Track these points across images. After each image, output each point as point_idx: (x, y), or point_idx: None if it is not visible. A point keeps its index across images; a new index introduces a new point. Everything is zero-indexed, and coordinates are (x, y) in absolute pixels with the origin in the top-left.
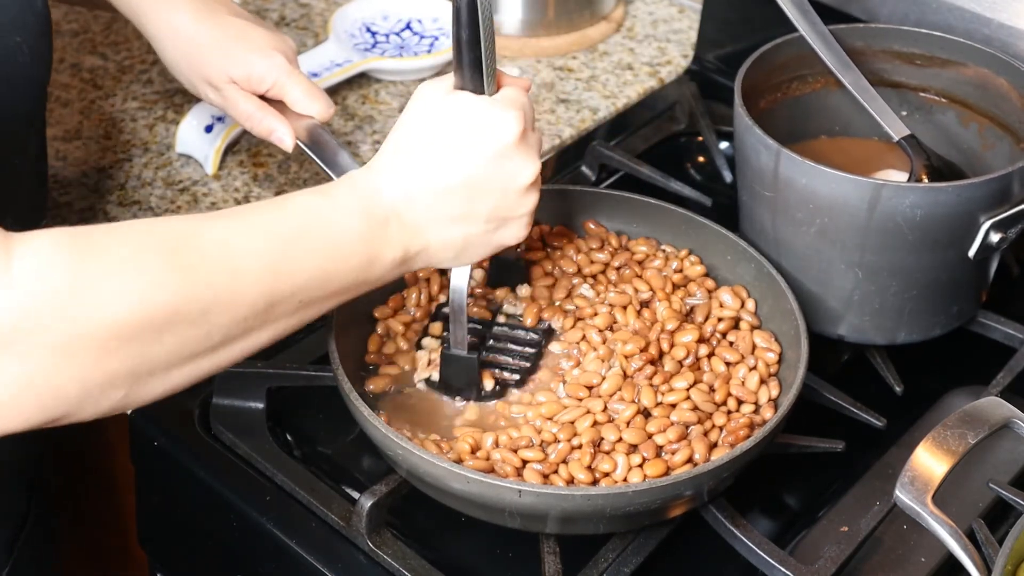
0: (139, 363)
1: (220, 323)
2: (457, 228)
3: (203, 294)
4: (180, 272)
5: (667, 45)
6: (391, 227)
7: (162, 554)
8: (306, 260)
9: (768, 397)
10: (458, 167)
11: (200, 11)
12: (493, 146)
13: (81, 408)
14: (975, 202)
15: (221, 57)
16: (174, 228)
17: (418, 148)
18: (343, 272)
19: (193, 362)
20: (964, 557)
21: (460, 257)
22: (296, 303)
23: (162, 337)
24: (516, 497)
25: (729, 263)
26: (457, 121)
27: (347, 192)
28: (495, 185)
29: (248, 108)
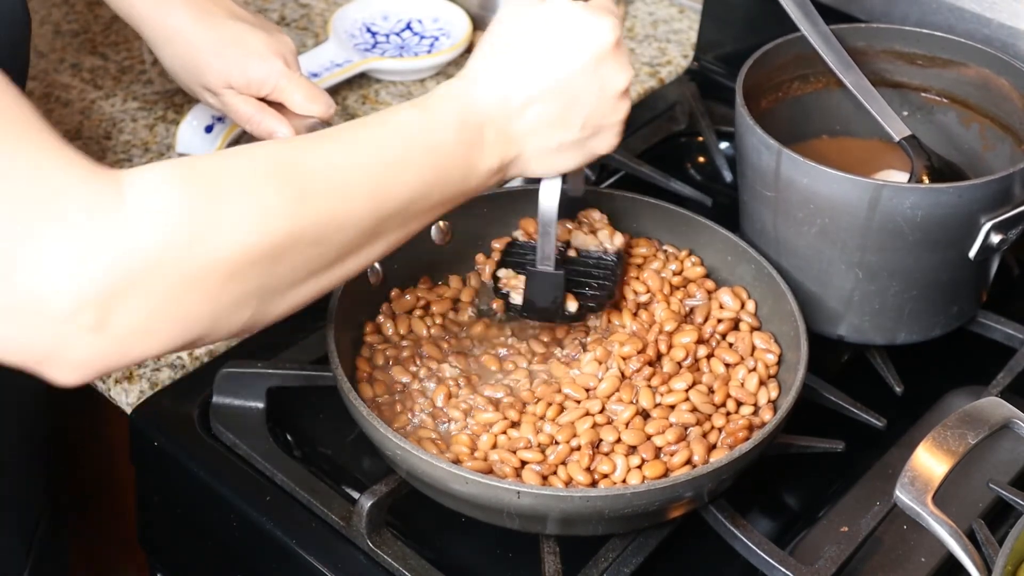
0: (263, 284)
1: (334, 241)
2: (552, 134)
3: (316, 216)
4: (293, 195)
5: (667, 45)
6: (487, 134)
7: (162, 554)
8: (409, 175)
9: (767, 398)
10: (554, 70)
11: (198, 15)
12: (590, 50)
13: (215, 328)
14: (976, 203)
15: (219, 63)
16: (281, 151)
17: (513, 52)
18: (444, 183)
19: (314, 279)
20: (964, 557)
21: (554, 165)
22: (403, 217)
23: (282, 259)
24: (515, 498)
25: (729, 264)
26: (553, 25)
27: (442, 103)
28: (591, 90)
29: (247, 111)
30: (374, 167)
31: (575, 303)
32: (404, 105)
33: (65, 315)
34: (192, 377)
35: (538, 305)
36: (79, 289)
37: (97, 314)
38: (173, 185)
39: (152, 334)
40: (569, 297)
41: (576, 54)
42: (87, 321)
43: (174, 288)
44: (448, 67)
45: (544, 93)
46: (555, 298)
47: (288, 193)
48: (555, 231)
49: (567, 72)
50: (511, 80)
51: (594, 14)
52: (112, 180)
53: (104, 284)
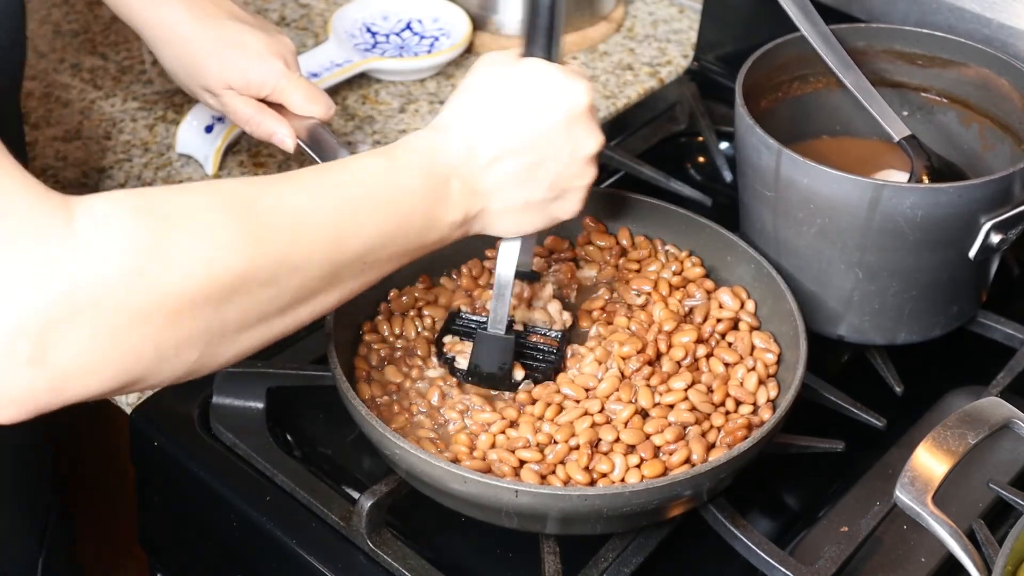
0: (212, 326)
1: (288, 285)
2: (518, 192)
3: (271, 256)
4: (248, 233)
5: (667, 45)
6: (452, 186)
7: (162, 554)
8: (369, 222)
9: (767, 398)
10: (526, 128)
11: (197, 16)
12: (563, 111)
13: (157, 371)
14: (976, 203)
15: (218, 64)
16: (240, 191)
17: (486, 106)
18: (405, 233)
19: (265, 324)
20: (964, 557)
21: (516, 224)
22: (360, 265)
23: (232, 299)
24: (513, 497)
25: (729, 264)
26: (528, 83)
27: (409, 152)
28: (561, 151)
29: (247, 112)
30: (334, 212)
31: (522, 371)
32: (370, 152)
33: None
34: None
35: (484, 371)
36: (17, 317)
37: (34, 345)
38: (124, 215)
39: (91, 371)
40: (516, 365)
41: (549, 113)
42: (23, 352)
43: (117, 323)
44: (448, 67)
45: (514, 150)
46: (503, 364)
47: (243, 231)
48: (510, 294)
49: (539, 130)
50: (481, 134)
51: (569, 76)
52: (62, 206)
53: (44, 314)
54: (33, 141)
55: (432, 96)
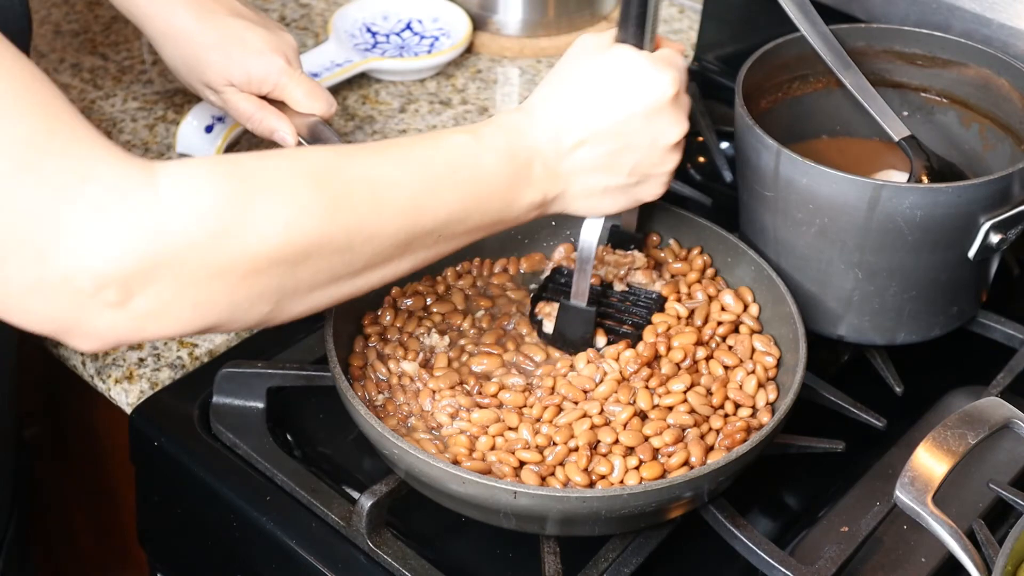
0: (285, 284)
1: (362, 251)
2: (599, 177)
3: (348, 223)
4: (328, 200)
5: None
6: (534, 168)
7: (162, 554)
8: (449, 197)
9: (766, 401)
10: (611, 115)
11: (200, 12)
12: (648, 100)
13: (230, 319)
14: (975, 203)
15: (220, 61)
16: (324, 157)
17: (573, 92)
18: (483, 210)
19: (335, 285)
20: (964, 557)
21: (596, 207)
22: (435, 237)
23: (307, 261)
24: (511, 498)
25: (729, 264)
26: (616, 71)
27: (495, 131)
28: (644, 139)
29: (248, 109)
30: (415, 186)
31: (604, 339)
32: (457, 129)
33: (89, 291)
34: (192, 377)
35: (567, 337)
36: (104, 268)
37: (119, 293)
38: (210, 178)
39: (169, 317)
40: (599, 332)
41: (634, 102)
42: (109, 298)
43: (196, 277)
44: (448, 67)
45: (597, 136)
46: (584, 333)
47: (322, 198)
48: (591, 268)
49: (622, 118)
50: (566, 118)
51: (657, 66)
52: (145, 168)
53: (128, 265)
54: None
55: (432, 96)
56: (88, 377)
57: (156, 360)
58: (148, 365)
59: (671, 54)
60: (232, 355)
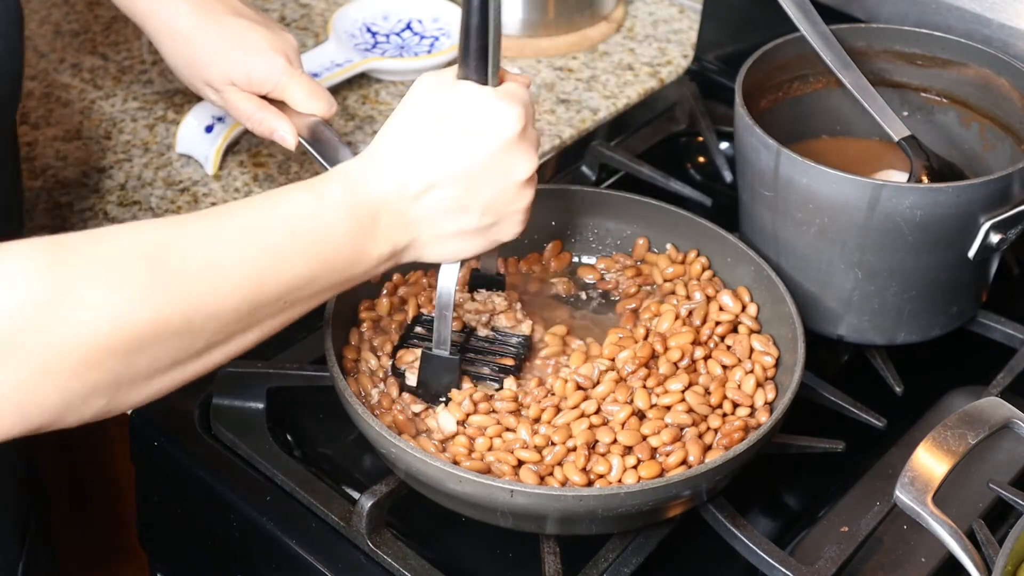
0: (121, 373)
1: (203, 331)
2: (451, 221)
3: (186, 305)
4: (161, 284)
5: (667, 45)
6: (381, 220)
7: (162, 554)
8: (292, 262)
9: (764, 400)
10: (456, 157)
11: (200, 11)
12: (495, 138)
13: (63, 418)
14: (975, 203)
15: (220, 60)
16: (156, 236)
17: (416, 136)
18: (329, 270)
19: (177, 368)
20: (964, 557)
21: (452, 252)
22: (281, 304)
23: (143, 349)
24: (508, 497)
25: (729, 265)
26: (459, 110)
27: (337, 186)
28: (493, 178)
29: (248, 108)
30: (255, 255)
31: (469, 386)
32: (296, 186)
33: None
34: None
35: (431, 386)
36: None
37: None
38: (28, 266)
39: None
40: (465, 380)
41: (480, 141)
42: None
43: (19, 374)
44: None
45: (444, 179)
46: (448, 381)
47: (153, 282)
48: (451, 315)
49: (469, 158)
50: (411, 163)
51: (501, 101)
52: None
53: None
54: (33, 141)
55: None
56: None
57: None
58: None
59: (515, 88)
60: None
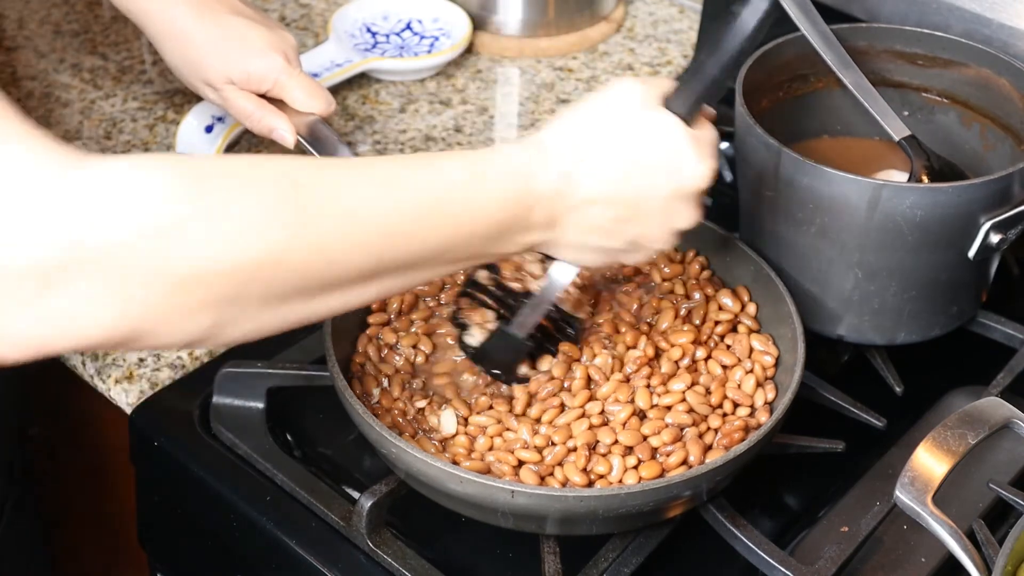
0: (228, 298)
1: (323, 274)
2: (597, 238)
3: (312, 241)
4: (289, 219)
5: (667, 45)
6: (535, 214)
7: (162, 554)
8: (431, 230)
9: (764, 400)
10: (632, 186)
11: (199, 10)
12: (677, 185)
13: (164, 332)
14: (975, 203)
15: (219, 59)
16: (299, 166)
17: (599, 144)
18: (466, 247)
19: (286, 306)
20: (964, 557)
21: (581, 259)
22: (407, 268)
23: (257, 277)
24: (509, 498)
25: (728, 264)
26: (655, 142)
27: (497, 171)
28: (655, 218)
29: (247, 107)
30: (395, 211)
31: (529, 370)
32: (458, 156)
33: (4, 286)
34: (192, 377)
35: (493, 358)
36: (22, 261)
37: (38, 289)
38: (156, 174)
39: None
40: (525, 364)
41: (661, 182)
42: (27, 295)
43: (125, 279)
44: (448, 67)
45: (610, 201)
46: (513, 361)
47: (287, 209)
48: (547, 308)
49: (643, 194)
50: (584, 168)
51: (699, 153)
52: (74, 158)
53: (48, 260)
54: None
55: (432, 96)
56: (88, 377)
57: (156, 360)
58: (148, 365)
59: (713, 139)
60: (232, 355)
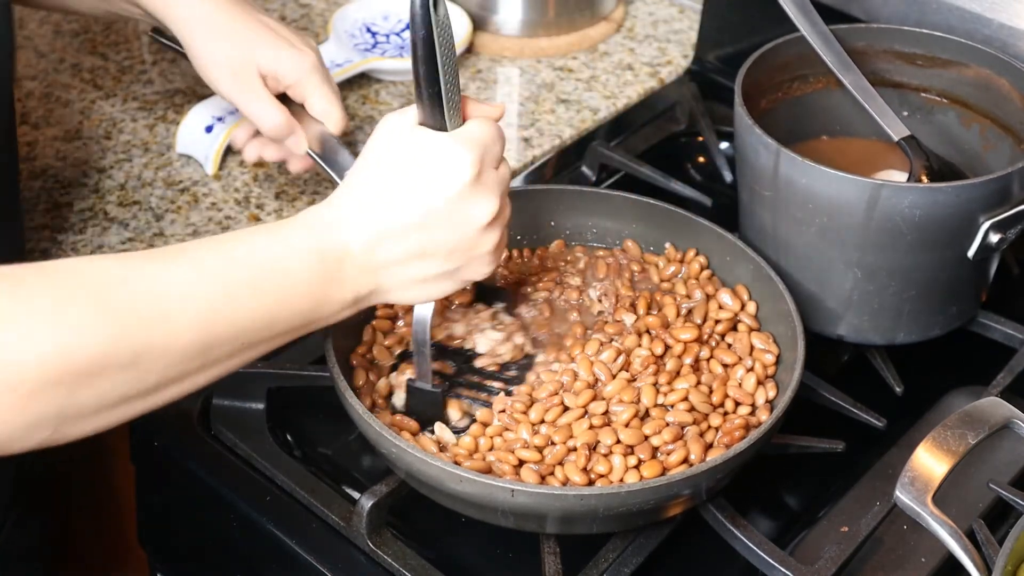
0: (66, 406)
1: (152, 369)
2: (413, 268)
3: (135, 341)
4: (110, 317)
5: (667, 45)
6: (344, 268)
7: (162, 554)
8: (250, 305)
9: (765, 399)
10: (411, 207)
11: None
12: (448, 186)
13: (7, 446)
14: (974, 202)
15: (250, 45)
16: (108, 270)
17: (376, 185)
18: (289, 315)
19: (126, 404)
20: (964, 557)
21: (420, 295)
22: (237, 346)
23: (91, 382)
24: (509, 497)
25: (728, 264)
26: (413, 159)
27: (302, 232)
28: (452, 225)
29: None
30: (210, 294)
31: (459, 412)
32: (260, 229)
33: None
34: None
35: (420, 413)
36: None
37: None
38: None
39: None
40: (453, 405)
41: (433, 190)
42: None
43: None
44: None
45: (401, 229)
46: (432, 414)
47: (104, 312)
48: (428, 350)
49: (424, 208)
50: (372, 214)
51: (456, 147)
52: None
53: None
54: (33, 141)
55: None
56: None
57: None
58: None
59: (477, 128)
60: None
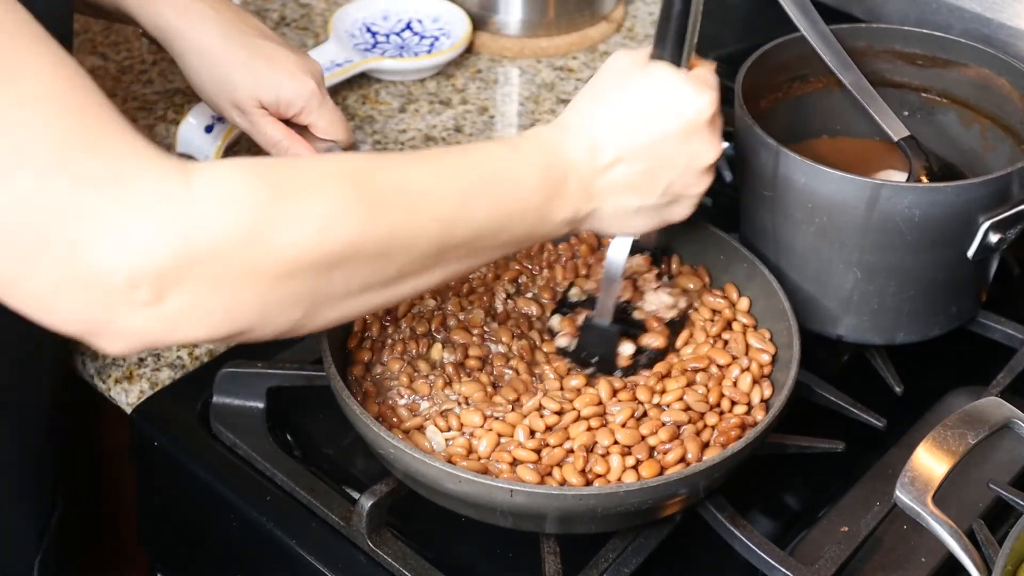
0: (317, 289)
1: (396, 260)
2: (632, 196)
3: (384, 229)
4: (364, 205)
5: None
6: (569, 184)
7: (162, 554)
8: (484, 209)
9: (760, 398)
10: (648, 134)
11: (229, 32)
12: (686, 121)
13: (262, 325)
14: (974, 202)
15: (250, 80)
16: (360, 162)
17: (609, 109)
18: (516, 224)
19: (367, 294)
20: (964, 557)
21: (626, 226)
22: (467, 249)
23: (341, 267)
24: (508, 497)
25: (723, 263)
26: (654, 90)
27: (532, 145)
28: (679, 160)
29: (275, 135)
30: (450, 194)
31: (627, 359)
32: (493, 141)
33: (122, 289)
34: (192, 377)
35: (590, 351)
36: (138, 265)
37: (152, 291)
38: (244, 179)
39: (200, 319)
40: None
41: (671, 122)
42: (142, 297)
43: (229, 279)
44: (448, 67)
45: (633, 154)
46: (607, 352)
47: (358, 202)
48: (617, 287)
49: (659, 138)
50: (603, 136)
51: (694, 86)
52: (181, 168)
53: (162, 263)
54: None
55: (432, 96)
56: (88, 377)
57: (156, 360)
58: (148, 365)
59: (707, 74)
60: (232, 355)
